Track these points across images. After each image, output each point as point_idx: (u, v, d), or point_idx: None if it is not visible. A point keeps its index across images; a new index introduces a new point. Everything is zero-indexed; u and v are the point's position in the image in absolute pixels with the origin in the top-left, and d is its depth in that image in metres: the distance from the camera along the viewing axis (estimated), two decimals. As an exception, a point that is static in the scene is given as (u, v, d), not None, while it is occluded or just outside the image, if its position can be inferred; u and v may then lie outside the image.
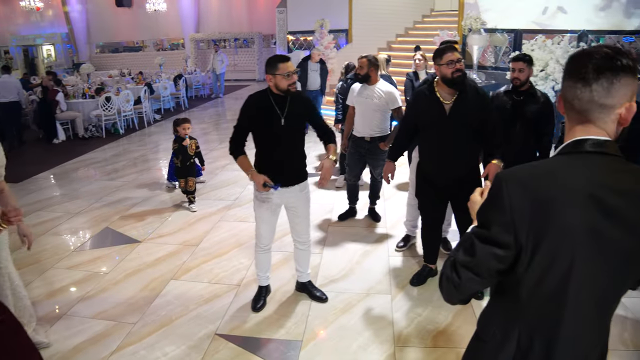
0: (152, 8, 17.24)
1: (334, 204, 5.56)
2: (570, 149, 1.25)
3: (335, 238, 4.69)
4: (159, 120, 11.52)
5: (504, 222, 1.20)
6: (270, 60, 3.08)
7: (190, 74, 15.33)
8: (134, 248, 4.51)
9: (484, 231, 1.25)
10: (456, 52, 3.19)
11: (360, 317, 3.39)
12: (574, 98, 1.24)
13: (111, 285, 3.85)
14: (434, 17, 13.81)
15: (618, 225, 1.17)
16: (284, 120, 3.10)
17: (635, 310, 3.41)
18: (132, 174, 7.00)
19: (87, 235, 4.87)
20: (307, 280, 3.67)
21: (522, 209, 1.18)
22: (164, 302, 3.58)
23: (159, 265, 4.16)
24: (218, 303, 3.56)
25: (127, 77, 13.96)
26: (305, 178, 3.35)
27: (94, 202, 5.77)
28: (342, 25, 12.82)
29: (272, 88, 3.09)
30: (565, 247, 1.18)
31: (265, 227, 3.35)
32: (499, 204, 1.21)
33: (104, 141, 9.33)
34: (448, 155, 3.31)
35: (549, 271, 1.20)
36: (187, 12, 19.88)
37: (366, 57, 4.58)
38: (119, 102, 9.83)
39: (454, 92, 3.24)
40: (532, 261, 1.20)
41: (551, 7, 9.35)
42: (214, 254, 4.36)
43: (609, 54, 1.18)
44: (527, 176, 1.22)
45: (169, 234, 4.84)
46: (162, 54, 19.58)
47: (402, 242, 4.45)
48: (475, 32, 9.75)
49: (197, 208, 5.46)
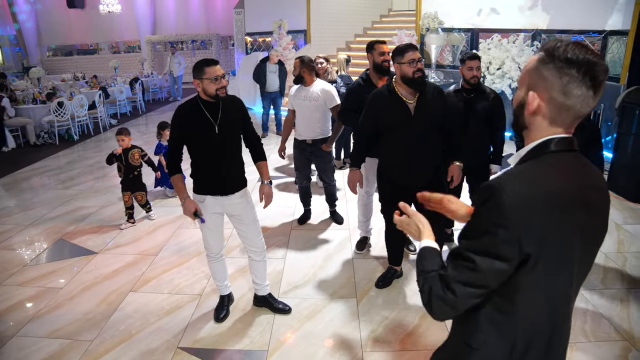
0: (106, 9, 16.69)
1: (295, 207, 5.51)
2: (540, 151, 1.26)
3: (298, 243, 4.64)
4: (116, 125, 11.18)
5: (508, 233, 1.17)
6: (196, 64, 2.93)
7: (147, 77, 14.95)
8: (91, 260, 4.34)
9: (483, 245, 1.21)
10: (417, 51, 3.18)
11: (326, 322, 3.36)
12: (578, 105, 1.20)
13: (66, 300, 3.68)
14: (392, 17, 13.93)
15: (596, 219, 1.25)
16: (218, 128, 2.96)
17: (595, 303, 3.50)
18: (88, 182, 6.76)
19: (40, 248, 4.66)
20: (267, 293, 3.53)
21: (524, 219, 1.16)
22: (123, 316, 3.45)
23: (117, 277, 4.02)
24: (180, 314, 3.47)
25: (81, 81, 13.52)
26: (245, 185, 3.22)
27: (48, 213, 5.53)
28: (300, 26, 12.78)
29: (201, 94, 2.95)
30: (564, 252, 1.21)
31: (210, 234, 3.21)
32: (500, 215, 1.18)
33: (58, 148, 8.99)
34: (413, 157, 3.26)
35: (549, 277, 1.22)
36: (143, 14, 19.41)
37: (299, 58, 4.56)
38: (72, 107, 9.47)
39: (415, 92, 3.23)
40: (535, 269, 1.20)
41: (484, 9, 9.68)
42: (174, 263, 4.24)
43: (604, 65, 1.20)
44: (522, 185, 1.20)
45: (127, 243, 4.69)
46: (117, 56, 19.05)
47: (360, 245, 4.44)
48: (432, 32, 9.88)
49: (155, 216, 5.32)
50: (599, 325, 3.26)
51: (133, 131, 10.43)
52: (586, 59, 1.16)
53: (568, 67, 1.17)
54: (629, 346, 3.06)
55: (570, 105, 1.20)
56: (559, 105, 1.21)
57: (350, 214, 5.24)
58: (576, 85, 1.17)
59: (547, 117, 1.24)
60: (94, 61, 19.93)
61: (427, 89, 3.25)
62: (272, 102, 9.15)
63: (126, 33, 19.69)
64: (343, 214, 5.22)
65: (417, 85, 3.18)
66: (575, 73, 1.16)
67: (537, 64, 1.24)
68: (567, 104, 1.20)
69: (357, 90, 3.97)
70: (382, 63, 3.85)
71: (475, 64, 3.91)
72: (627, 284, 3.78)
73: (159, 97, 15.34)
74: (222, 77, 2.92)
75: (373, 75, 3.94)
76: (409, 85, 3.18)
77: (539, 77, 1.23)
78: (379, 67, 3.87)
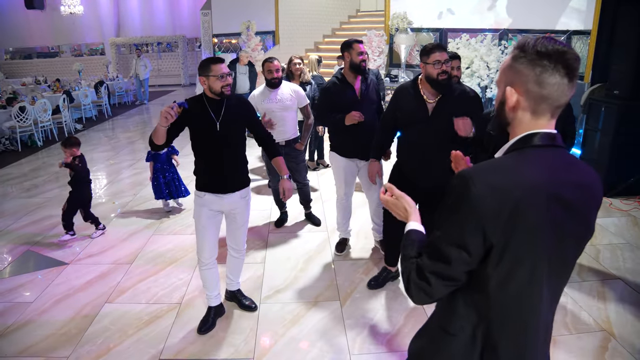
0: (68, 10, 16.19)
1: (271, 209, 5.43)
2: (522, 144, 1.27)
3: (276, 246, 4.57)
4: (81, 130, 10.86)
5: (473, 223, 1.19)
6: (203, 62, 2.97)
7: (112, 80, 14.58)
8: (61, 271, 4.16)
9: (451, 235, 1.24)
10: (445, 52, 3.08)
11: (311, 327, 3.31)
12: (554, 94, 1.22)
13: (37, 315, 3.51)
14: (360, 18, 13.98)
15: (575, 217, 1.24)
16: (219, 125, 2.98)
17: (575, 296, 3.56)
18: (54, 190, 6.50)
19: (5, 260, 4.44)
20: (237, 288, 3.59)
21: (490, 209, 1.17)
22: (100, 329, 3.31)
23: (91, 288, 3.86)
24: (159, 325, 3.35)
25: (43, 85, 13.07)
26: (247, 184, 3.24)
27: (12, 223, 5.29)
28: (268, 27, 12.69)
29: (206, 91, 2.98)
30: (531, 246, 1.21)
31: (204, 235, 3.16)
32: (467, 204, 1.20)
33: (20, 155, 8.64)
34: (427, 157, 3.20)
35: (517, 270, 1.22)
36: (106, 15, 18.93)
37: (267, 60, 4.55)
38: (35, 112, 9.12)
39: (437, 93, 3.17)
40: (501, 260, 1.21)
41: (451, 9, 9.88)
42: (150, 272, 4.11)
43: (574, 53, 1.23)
44: (492, 175, 1.21)
45: (99, 252, 4.52)
46: (80, 59, 18.49)
47: (339, 247, 4.40)
48: (402, 32, 9.95)
49: (97, 233, 4.91)
50: (579, 318, 3.33)
51: (100, 136, 10.22)
52: (555, 49, 1.20)
53: (539, 59, 1.20)
54: (609, 336, 3.14)
55: (546, 95, 1.22)
56: (535, 96, 1.23)
57: (327, 215, 5.21)
58: (549, 74, 1.20)
59: (528, 110, 1.26)
60: (56, 64, 19.31)
61: (454, 91, 3.19)
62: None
63: (89, 35, 19.16)
64: (319, 215, 5.17)
65: (440, 88, 3.11)
66: (547, 63, 1.20)
67: (511, 61, 1.27)
68: (543, 93, 1.22)
69: (332, 89, 3.95)
70: (359, 62, 3.81)
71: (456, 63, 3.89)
72: (602, 276, 3.87)
73: (125, 100, 14.96)
74: (228, 75, 2.93)
75: (348, 74, 3.90)
76: (431, 85, 3.13)
77: (515, 73, 1.26)
78: (356, 66, 3.82)
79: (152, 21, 19.28)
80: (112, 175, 7.16)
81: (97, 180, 7.10)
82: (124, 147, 9.08)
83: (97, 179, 7.13)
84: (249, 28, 11.84)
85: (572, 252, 1.30)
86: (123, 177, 7.00)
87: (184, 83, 18.85)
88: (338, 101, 3.88)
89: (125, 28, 19.33)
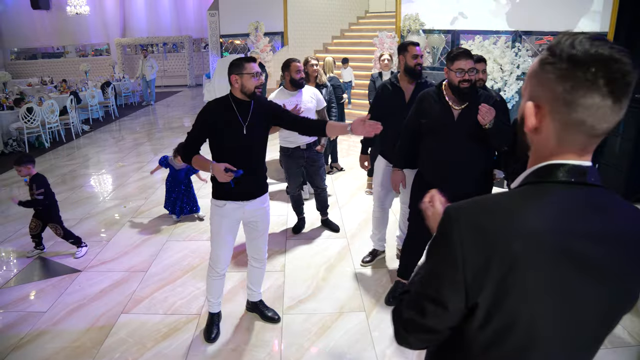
0: (74, 11, 16.08)
1: (287, 215, 5.28)
2: (539, 177, 0.97)
3: (295, 253, 4.42)
4: (88, 131, 10.74)
5: (453, 277, 0.94)
6: (235, 61, 2.84)
7: (118, 81, 14.46)
8: (74, 279, 4.02)
9: (427, 284, 1.02)
10: (470, 60, 2.89)
11: (337, 339, 3.16)
12: (590, 120, 0.89)
13: (51, 326, 3.36)
14: (369, 19, 13.85)
15: (599, 281, 0.93)
16: (246, 129, 2.85)
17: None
18: (62, 193, 6.36)
19: (16, 267, 4.31)
20: (259, 299, 3.44)
21: (477, 262, 0.91)
22: (117, 342, 3.16)
23: (105, 298, 3.72)
24: (179, 337, 3.20)
25: (49, 86, 12.95)
26: (266, 190, 3.11)
27: (22, 228, 5.14)
28: (277, 28, 12.55)
29: (236, 91, 2.85)
30: (528, 310, 0.92)
31: (222, 244, 3.04)
32: (449, 253, 0.95)
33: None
34: (454, 165, 3.01)
35: (508, 336, 0.95)
36: (112, 16, 18.82)
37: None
38: (42, 113, 9.00)
39: (462, 101, 3.00)
40: (488, 322, 0.95)
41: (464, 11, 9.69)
42: (166, 280, 3.96)
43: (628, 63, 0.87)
44: (485, 216, 0.94)
45: (112, 259, 4.37)
46: (85, 60, 18.40)
47: (368, 257, 4.22)
48: (413, 33, 9.80)
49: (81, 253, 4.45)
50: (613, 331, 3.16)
51: (107, 137, 10.09)
52: (597, 55, 0.85)
53: (572, 68, 0.87)
54: (645, 351, 3.00)
55: (578, 120, 0.89)
56: (563, 120, 0.91)
57: (345, 221, 5.06)
58: (584, 92, 0.86)
59: (553, 136, 0.94)
60: (61, 65, 19.20)
61: (479, 98, 3.00)
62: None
63: (95, 35, 19.04)
64: (337, 221, 5.01)
65: (461, 96, 2.95)
66: (582, 75, 0.86)
67: (537, 66, 0.95)
68: (573, 118, 0.89)
69: (381, 93, 3.80)
70: (414, 66, 3.60)
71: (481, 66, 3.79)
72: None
73: (131, 101, 14.84)
74: (260, 75, 2.84)
75: (402, 79, 3.69)
76: (453, 93, 2.98)
77: (538, 84, 0.94)
78: (411, 70, 3.61)
79: (157, 22, 19.16)
80: (121, 178, 7.01)
81: (106, 183, 6.97)
82: (132, 149, 8.94)
83: (106, 182, 7.01)
84: (258, 29, 11.70)
85: (596, 322, 0.97)
86: (132, 181, 6.85)
87: (189, 84, 18.71)
88: (386, 105, 3.72)
89: (131, 28, 19.21)
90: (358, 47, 12.30)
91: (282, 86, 4.43)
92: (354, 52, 12.15)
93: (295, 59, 4.34)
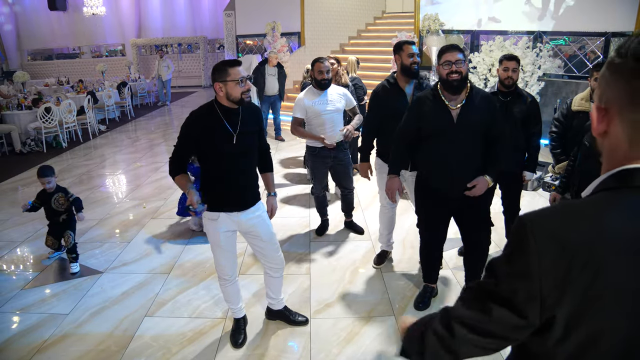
0: (90, 11, 16.16)
1: (309, 217, 5.18)
2: (616, 182, 0.90)
3: (319, 255, 4.32)
4: (105, 131, 10.74)
5: (529, 286, 0.88)
6: (217, 66, 2.64)
7: (134, 81, 14.49)
8: (96, 280, 3.95)
9: (502, 290, 0.94)
10: (457, 53, 2.87)
11: (367, 345, 3.05)
12: None
13: (74, 328, 3.29)
14: (385, 19, 13.75)
15: None
16: (237, 138, 2.66)
17: None
18: (81, 193, 6.26)
19: (37, 267, 4.25)
20: (283, 306, 3.29)
21: (555, 271, 0.85)
22: (141, 346, 3.08)
23: (128, 300, 3.64)
24: (204, 342, 3.11)
25: (66, 86, 13.00)
26: (259, 198, 2.92)
27: (41, 228, 5.06)
28: (293, 28, 12.49)
29: (222, 99, 2.64)
30: (618, 321, 0.85)
31: (224, 254, 2.90)
32: (525, 262, 0.89)
33: (45, 156, 8.50)
34: (455, 165, 2.97)
35: (593, 351, 0.87)
36: (128, 16, 18.90)
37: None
38: (60, 113, 9.00)
39: (460, 98, 2.94)
40: (568, 337, 0.88)
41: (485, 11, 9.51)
42: (189, 282, 3.88)
43: None
44: (562, 226, 0.88)
45: (133, 261, 4.30)
46: (100, 60, 18.49)
47: (379, 259, 4.12)
48: (433, 33, 9.67)
49: (77, 269, 4.15)
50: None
51: (123, 138, 10.08)
52: None
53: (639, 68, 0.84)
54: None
55: None
56: (631, 121, 0.87)
57: (369, 223, 4.95)
58: None
59: (624, 138, 0.89)
60: (76, 65, 19.31)
61: (474, 95, 2.95)
62: (271, 106, 8.82)
63: (110, 36, 19.15)
64: (361, 223, 4.91)
65: (453, 89, 2.88)
66: None
67: (605, 67, 0.92)
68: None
69: (381, 93, 3.70)
70: (410, 65, 3.56)
71: (511, 64, 3.69)
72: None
73: (147, 101, 14.86)
74: (248, 79, 2.63)
75: (400, 78, 3.65)
76: (445, 88, 2.91)
77: (607, 85, 0.91)
78: (407, 69, 3.57)
79: (173, 22, 19.21)
80: (140, 179, 6.97)
81: (124, 183, 6.93)
82: (148, 149, 8.91)
83: (123, 183, 6.97)
84: (275, 29, 11.65)
85: None
86: (150, 181, 6.80)
87: (204, 84, 18.71)
88: (386, 106, 3.64)
89: (146, 29, 19.28)
90: (375, 48, 12.19)
91: (311, 85, 4.33)
92: (371, 52, 12.05)
93: (321, 58, 4.22)
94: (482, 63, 8.84)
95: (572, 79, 8.58)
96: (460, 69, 2.84)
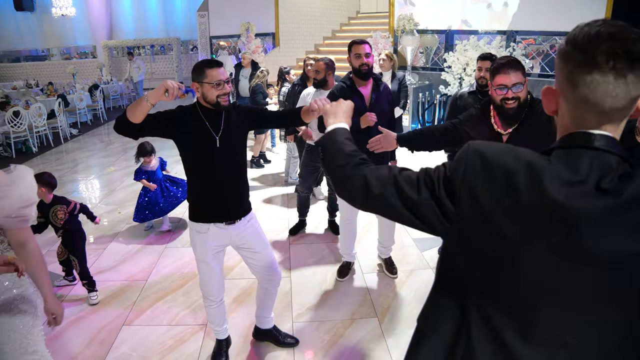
0: (59, 12, 15.76)
1: (288, 219, 5.15)
2: (556, 144, 1.01)
3: (299, 258, 4.28)
4: (77, 135, 10.48)
5: (452, 173, 1.06)
6: (196, 65, 2.48)
7: (106, 83, 14.19)
8: (70, 289, 3.85)
9: (433, 172, 1.11)
10: (512, 74, 2.29)
11: (352, 347, 3.04)
12: (592, 96, 0.92)
13: (49, 340, 3.14)
14: (360, 19, 13.78)
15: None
16: (219, 141, 2.51)
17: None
18: (53, 199, 6.15)
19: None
20: (272, 325, 3.09)
21: (472, 183, 1.01)
22: (120, 356, 3.00)
23: (105, 309, 3.55)
24: (185, 350, 3.05)
25: (35, 89, 12.67)
26: (250, 209, 2.75)
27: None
28: (267, 29, 12.40)
29: (200, 100, 2.48)
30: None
31: (211, 273, 2.70)
32: (455, 167, 1.06)
33: (14, 162, 8.24)
34: None
35: (486, 256, 1.03)
36: (98, 18, 18.52)
37: (323, 61, 4.30)
38: (29, 117, 8.75)
39: (510, 123, 2.44)
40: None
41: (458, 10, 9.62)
42: (168, 289, 3.80)
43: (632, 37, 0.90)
44: (492, 151, 1.03)
45: (109, 268, 4.19)
46: (71, 62, 18.07)
47: (342, 272, 3.92)
48: (408, 33, 9.72)
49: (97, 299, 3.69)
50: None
51: (96, 141, 9.86)
52: (597, 34, 0.90)
53: (574, 50, 0.94)
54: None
55: (582, 97, 0.94)
56: (570, 99, 0.98)
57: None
58: (582, 70, 0.92)
59: (567, 115, 1.01)
60: (46, 67, 18.82)
61: (531, 117, 2.40)
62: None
63: (80, 38, 18.73)
64: (341, 224, 4.90)
65: (506, 118, 2.40)
66: (579, 55, 0.92)
67: (556, 55, 1.02)
68: (577, 95, 0.95)
69: (337, 94, 3.38)
70: (359, 67, 3.41)
71: (485, 64, 3.75)
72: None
73: (119, 104, 14.57)
74: (227, 83, 2.44)
75: (356, 79, 3.53)
76: (497, 114, 2.45)
77: (557, 69, 1.02)
78: (357, 71, 3.46)
79: (145, 23, 18.90)
80: (114, 183, 6.82)
81: (97, 189, 6.78)
82: (122, 152, 8.74)
83: (97, 188, 6.82)
84: (249, 30, 11.54)
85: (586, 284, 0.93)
86: (124, 185, 6.66)
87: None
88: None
89: (118, 30, 18.93)
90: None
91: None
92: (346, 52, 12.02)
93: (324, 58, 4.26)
94: (456, 62, 8.95)
95: (542, 77, 8.74)
96: (519, 94, 2.32)
